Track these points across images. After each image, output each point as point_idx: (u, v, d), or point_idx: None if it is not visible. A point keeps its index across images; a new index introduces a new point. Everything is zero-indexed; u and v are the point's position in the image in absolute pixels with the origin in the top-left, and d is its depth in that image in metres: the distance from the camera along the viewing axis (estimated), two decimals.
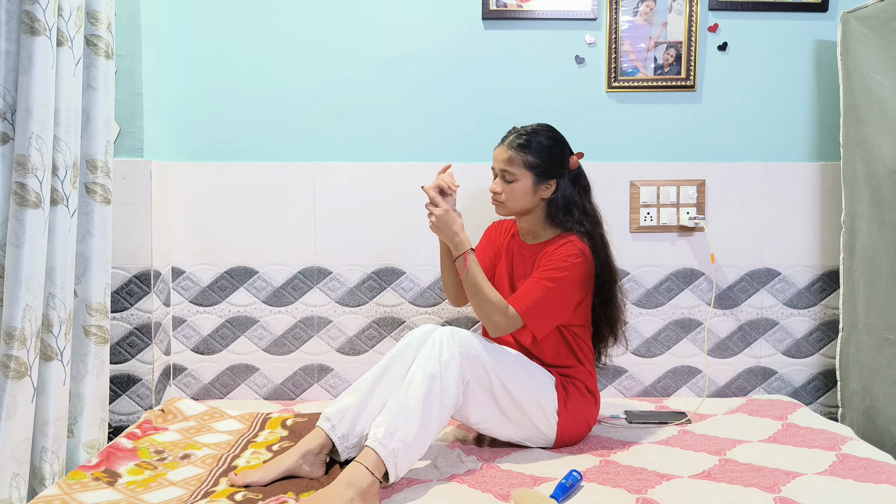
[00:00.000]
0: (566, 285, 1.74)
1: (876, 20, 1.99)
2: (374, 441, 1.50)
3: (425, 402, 1.56)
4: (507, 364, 1.70)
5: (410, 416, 1.53)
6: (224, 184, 2.23)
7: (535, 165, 1.79)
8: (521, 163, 1.78)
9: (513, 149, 1.79)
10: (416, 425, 1.53)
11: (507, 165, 1.79)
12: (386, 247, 2.25)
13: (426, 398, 1.56)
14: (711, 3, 2.23)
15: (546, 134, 1.82)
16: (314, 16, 2.22)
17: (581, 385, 1.81)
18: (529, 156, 1.78)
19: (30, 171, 1.55)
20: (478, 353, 1.65)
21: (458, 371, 1.61)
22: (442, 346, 1.62)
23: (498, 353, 1.71)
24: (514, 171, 1.79)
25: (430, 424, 1.56)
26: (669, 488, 1.53)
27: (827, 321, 2.29)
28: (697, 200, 2.25)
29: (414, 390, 1.56)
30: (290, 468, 1.58)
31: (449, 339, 1.64)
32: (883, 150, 1.96)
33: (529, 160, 1.78)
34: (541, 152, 1.79)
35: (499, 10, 2.21)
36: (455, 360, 1.61)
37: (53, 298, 1.65)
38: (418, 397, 1.55)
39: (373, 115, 2.24)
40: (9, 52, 1.58)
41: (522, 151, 1.78)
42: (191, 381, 2.26)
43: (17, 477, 1.54)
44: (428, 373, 1.58)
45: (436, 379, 1.58)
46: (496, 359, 1.69)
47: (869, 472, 1.59)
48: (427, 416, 1.55)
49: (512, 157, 1.79)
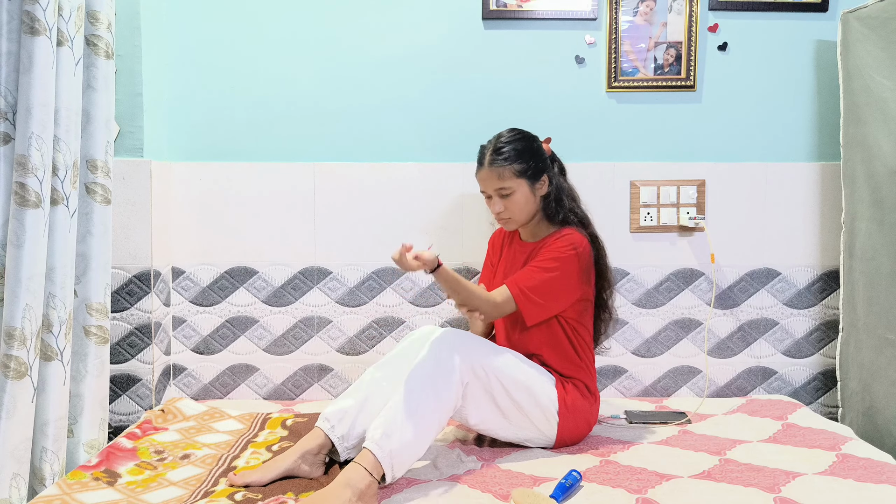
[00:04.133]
0: (562, 274, 1.75)
1: (876, 20, 1.99)
2: (372, 442, 1.50)
3: (423, 404, 1.55)
4: (507, 365, 1.70)
5: (408, 418, 1.52)
6: (224, 184, 2.23)
7: (525, 170, 1.79)
8: (511, 174, 1.78)
9: (497, 165, 1.78)
10: (413, 427, 1.52)
11: (500, 182, 1.79)
12: (386, 247, 2.24)
13: (424, 400, 1.56)
14: (711, 3, 2.23)
15: (517, 137, 1.82)
16: (314, 16, 2.22)
17: (581, 384, 1.81)
18: (516, 164, 1.78)
19: (30, 171, 1.55)
20: (477, 355, 1.66)
21: (457, 373, 1.61)
22: (441, 348, 1.63)
23: (497, 354, 1.71)
24: (508, 185, 1.79)
25: (429, 426, 1.56)
26: (669, 488, 1.53)
27: (827, 321, 2.29)
28: (697, 200, 2.25)
29: (412, 392, 1.56)
30: (290, 468, 1.58)
31: (448, 340, 1.65)
32: (883, 150, 1.96)
33: (518, 168, 1.78)
34: (523, 155, 1.79)
35: (499, 10, 2.21)
36: (454, 361, 1.61)
37: (53, 298, 1.65)
38: (416, 399, 1.55)
39: (373, 115, 2.24)
40: (9, 52, 1.58)
41: (508, 163, 1.78)
42: (191, 381, 2.26)
43: (17, 477, 1.54)
44: (426, 374, 1.59)
45: (435, 380, 1.58)
46: (496, 360, 1.69)
47: (869, 472, 1.59)
48: (425, 418, 1.55)
49: (501, 173, 1.78)
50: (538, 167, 1.81)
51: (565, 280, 1.76)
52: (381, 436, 1.50)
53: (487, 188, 1.82)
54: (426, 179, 2.24)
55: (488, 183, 1.81)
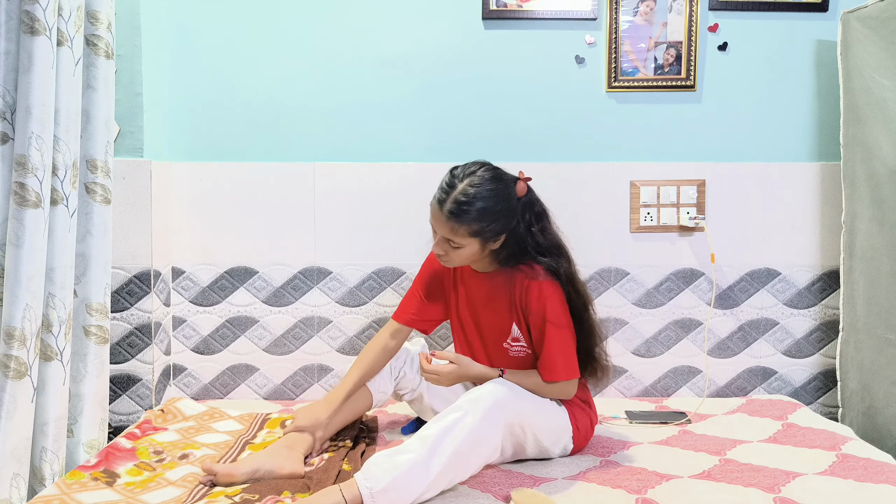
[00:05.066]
0: (568, 325, 1.69)
1: (876, 20, 1.99)
2: (366, 488, 1.40)
3: (443, 475, 1.46)
4: (539, 415, 1.65)
5: (417, 481, 1.42)
6: (224, 184, 2.23)
7: (482, 232, 1.60)
8: (464, 233, 1.59)
9: (453, 220, 1.58)
10: (420, 491, 1.43)
11: (452, 235, 1.60)
12: (386, 247, 2.25)
13: (446, 470, 1.46)
14: (711, 3, 2.23)
15: (487, 193, 1.59)
16: (314, 15, 2.22)
17: (576, 399, 1.77)
18: (475, 225, 1.58)
19: (30, 170, 1.55)
20: (518, 417, 1.59)
21: (496, 444, 1.56)
22: (491, 415, 1.52)
23: (537, 408, 1.65)
24: (458, 241, 1.61)
25: (436, 488, 1.47)
26: (669, 488, 1.53)
27: (827, 321, 2.29)
28: (697, 200, 2.25)
29: (440, 458, 1.45)
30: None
31: (500, 404, 1.55)
32: (883, 150, 1.96)
33: (473, 228, 1.59)
34: (485, 217, 1.59)
35: (499, 10, 2.21)
36: (497, 437, 1.55)
37: (53, 298, 1.65)
38: (438, 466, 1.44)
39: (373, 115, 2.24)
40: (9, 52, 1.58)
41: (465, 223, 1.58)
42: (191, 381, 2.26)
43: (17, 477, 1.54)
44: (462, 444, 1.48)
45: (468, 456, 1.50)
46: (535, 417, 1.63)
47: (869, 472, 1.58)
48: (436, 485, 1.46)
49: (455, 229, 1.59)
50: (499, 229, 1.62)
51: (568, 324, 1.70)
52: (381, 489, 1.40)
53: (436, 229, 1.64)
54: (426, 179, 2.23)
55: (438, 226, 1.62)
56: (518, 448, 1.66)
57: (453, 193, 1.59)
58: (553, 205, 1.71)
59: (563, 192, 2.23)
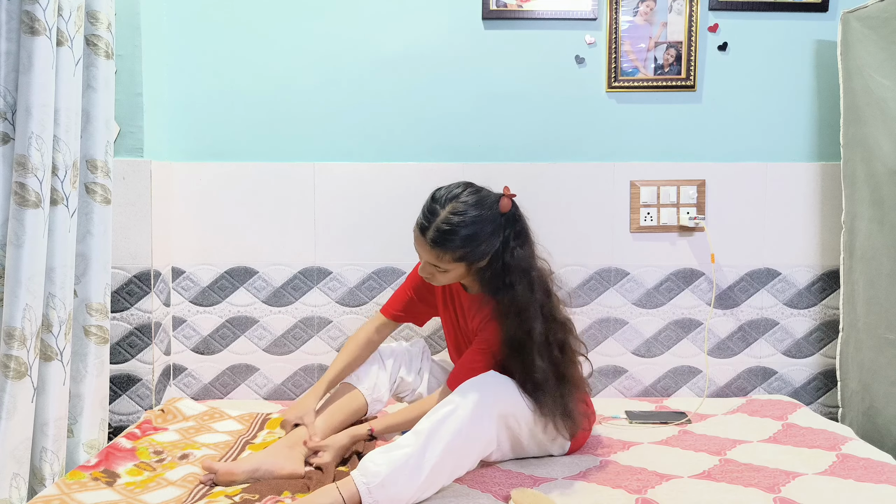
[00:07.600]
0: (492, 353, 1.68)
1: (876, 20, 1.99)
2: (363, 484, 1.40)
3: (439, 470, 1.46)
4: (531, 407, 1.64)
5: (413, 476, 1.42)
6: (224, 184, 2.23)
7: (466, 256, 1.59)
8: (449, 259, 1.59)
9: (437, 248, 1.58)
10: (416, 487, 1.43)
11: (437, 261, 1.60)
12: (386, 247, 2.25)
13: (442, 465, 1.46)
14: (711, 3, 2.23)
15: (470, 220, 1.58)
16: (314, 15, 2.22)
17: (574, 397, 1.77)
18: (458, 251, 1.58)
19: (30, 171, 1.55)
20: (513, 408, 1.59)
21: (491, 437, 1.56)
22: (484, 406, 1.53)
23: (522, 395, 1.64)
24: (442, 266, 1.61)
25: (433, 485, 1.47)
26: (669, 488, 1.53)
27: (827, 321, 2.29)
28: (697, 200, 2.25)
29: (434, 451, 1.45)
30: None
31: (492, 394, 1.55)
32: (883, 150, 1.96)
33: (458, 255, 1.59)
34: (469, 244, 1.58)
35: (499, 10, 2.21)
36: (492, 429, 1.55)
37: (53, 298, 1.65)
38: (433, 460, 1.45)
39: (373, 115, 2.24)
40: (9, 52, 1.58)
41: (449, 250, 1.58)
42: (191, 381, 2.26)
43: (17, 477, 1.54)
44: (457, 435, 1.48)
45: (464, 448, 1.51)
46: (523, 404, 1.61)
47: (869, 472, 1.58)
48: (431, 482, 1.46)
49: (440, 256, 1.59)
50: (483, 252, 1.61)
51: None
52: (378, 483, 1.40)
53: (420, 255, 1.65)
54: (426, 179, 2.23)
55: (423, 252, 1.63)
56: (515, 442, 1.66)
57: (435, 221, 1.58)
58: (553, 205, 1.71)
59: (563, 193, 2.23)
